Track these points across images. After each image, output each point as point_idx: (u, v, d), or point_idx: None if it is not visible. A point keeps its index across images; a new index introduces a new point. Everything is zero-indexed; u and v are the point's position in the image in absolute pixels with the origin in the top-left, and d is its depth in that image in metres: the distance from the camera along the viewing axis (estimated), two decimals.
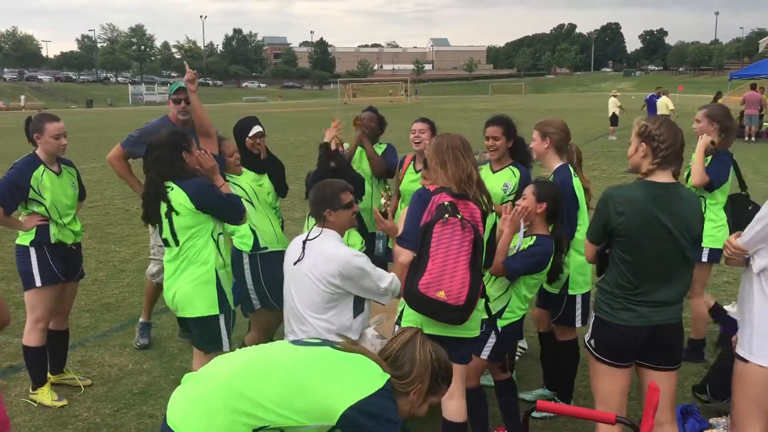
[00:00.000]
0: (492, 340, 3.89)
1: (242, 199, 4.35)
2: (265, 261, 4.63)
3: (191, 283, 3.93)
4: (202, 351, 4.04)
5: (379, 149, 5.69)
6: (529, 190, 3.94)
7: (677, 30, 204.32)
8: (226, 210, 4.03)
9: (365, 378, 2.44)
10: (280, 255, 4.17)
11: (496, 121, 4.60)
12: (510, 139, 4.58)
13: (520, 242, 3.83)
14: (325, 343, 2.66)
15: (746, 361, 3.12)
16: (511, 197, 4.48)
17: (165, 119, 5.65)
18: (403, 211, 3.95)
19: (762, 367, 3.07)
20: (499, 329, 3.87)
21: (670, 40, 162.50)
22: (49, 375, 4.91)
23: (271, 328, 4.84)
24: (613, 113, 24.64)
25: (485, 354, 3.89)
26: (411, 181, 5.24)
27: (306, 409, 2.37)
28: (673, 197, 3.17)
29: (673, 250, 3.17)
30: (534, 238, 3.87)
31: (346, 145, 5.50)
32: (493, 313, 3.82)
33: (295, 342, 2.73)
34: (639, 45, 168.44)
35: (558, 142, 4.35)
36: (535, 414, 4.38)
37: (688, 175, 5.00)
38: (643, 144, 3.22)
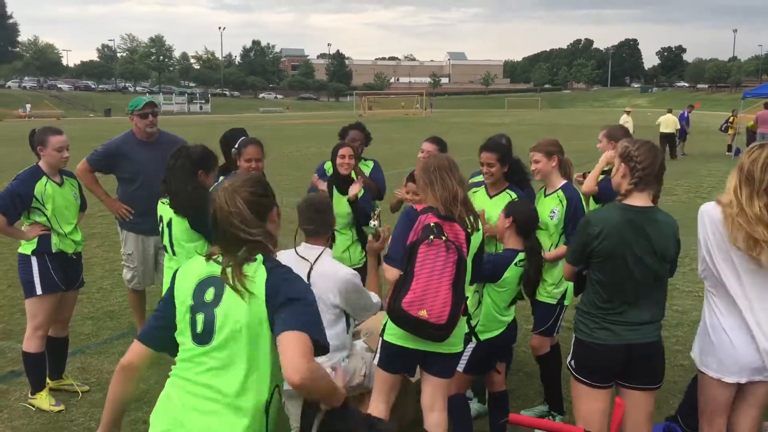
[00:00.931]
0: (467, 355, 3.98)
1: None
2: None
3: None
4: None
5: (366, 167, 5.76)
6: (502, 210, 4.04)
7: (695, 47, 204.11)
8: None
9: None
10: None
11: (490, 147, 4.57)
12: (505, 164, 4.56)
13: None
14: None
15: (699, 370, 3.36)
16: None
17: (129, 135, 5.81)
18: None
19: (709, 376, 3.31)
20: (480, 341, 3.99)
21: (688, 57, 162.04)
22: (48, 380, 5.03)
23: None
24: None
25: (461, 366, 3.97)
26: None
27: None
28: (647, 221, 3.24)
29: (647, 271, 3.25)
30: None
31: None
32: (473, 327, 3.92)
33: None
34: (657, 61, 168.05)
35: (562, 159, 4.48)
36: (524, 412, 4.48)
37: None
38: (622, 164, 3.31)
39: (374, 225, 4.23)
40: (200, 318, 2.39)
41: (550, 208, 4.44)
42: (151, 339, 2.57)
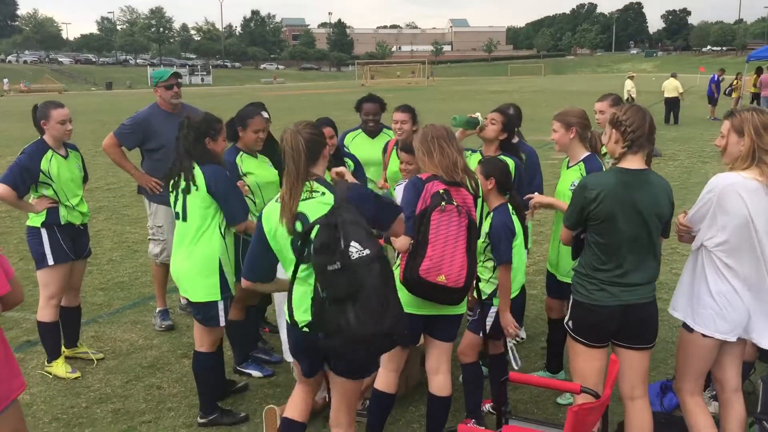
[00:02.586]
0: (490, 319, 4.09)
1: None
2: (246, 244, 4.79)
3: (196, 268, 4.15)
4: (201, 325, 4.28)
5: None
6: (477, 170, 4.07)
7: (700, 9, 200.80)
8: (232, 205, 4.15)
9: None
10: None
11: (501, 111, 4.73)
12: (504, 130, 4.62)
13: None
14: None
15: (691, 330, 3.45)
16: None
17: (154, 107, 5.78)
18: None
19: (705, 336, 3.40)
20: (496, 307, 4.07)
21: (693, 20, 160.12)
22: (63, 349, 5.19)
23: (241, 300, 4.92)
24: (628, 97, 24.36)
25: (482, 332, 4.10)
26: (397, 165, 5.36)
27: None
28: (642, 183, 3.33)
29: (642, 232, 3.34)
30: (491, 215, 4.07)
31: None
32: (489, 293, 4.05)
33: None
34: (661, 25, 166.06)
35: (582, 131, 4.35)
36: (560, 400, 4.56)
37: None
38: (613, 131, 3.38)
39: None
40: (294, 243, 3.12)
41: (571, 180, 4.33)
42: (256, 273, 3.37)
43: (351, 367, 3.19)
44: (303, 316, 3.11)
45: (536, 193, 4.34)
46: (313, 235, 2.97)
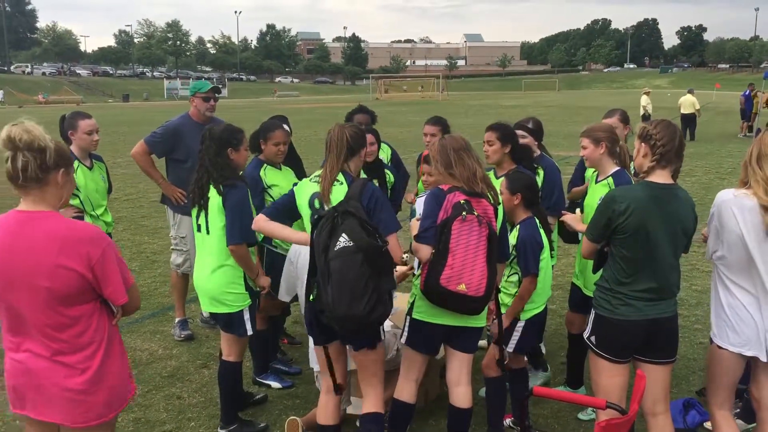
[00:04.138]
0: (517, 335, 4.10)
1: None
2: (269, 255, 4.84)
3: (222, 280, 4.15)
4: (229, 335, 4.30)
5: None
6: (502, 186, 4.10)
7: (716, 26, 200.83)
8: (231, 222, 4.08)
9: None
10: (282, 257, 4.67)
11: (492, 127, 4.65)
12: (506, 143, 4.56)
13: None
14: None
15: (712, 342, 3.48)
16: None
17: (185, 117, 5.81)
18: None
19: (720, 348, 3.41)
20: (523, 321, 4.09)
21: (709, 36, 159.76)
22: None
23: (263, 310, 4.93)
24: (644, 113, 24.32)
25: (512, 346, 4.10)
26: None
27: None
28: (670, 197, 3.34)
29: (669, 247, 3.35)
30: (517, 227, 4.07)
31: None
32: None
33: None
34: (676, 41, 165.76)
35: (611, 146, 4.34)
36: (581, 416, 4.55)
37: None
38: (642, 144, 3.39)
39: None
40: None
41: (600, 194, 4.25)
42: (273, 215, 3.80)
43: (355, 340, 3.61)
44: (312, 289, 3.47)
45: (569, 214, 4.29)
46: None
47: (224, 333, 4.34)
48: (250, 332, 4.25)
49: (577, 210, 4.42)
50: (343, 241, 3.26)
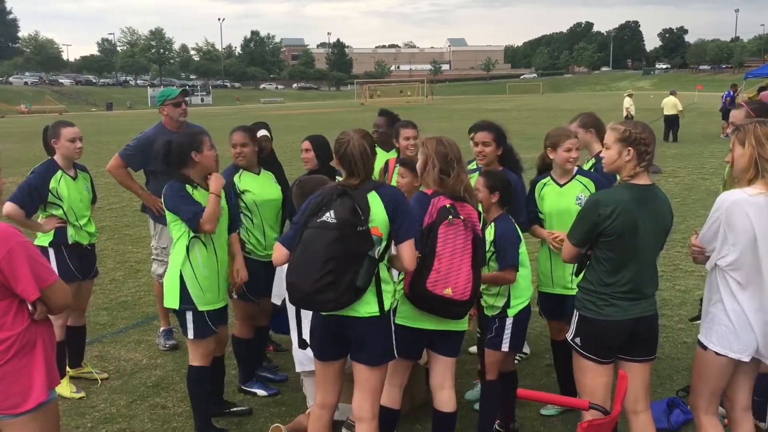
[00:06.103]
0: (508, 332, 4.09)
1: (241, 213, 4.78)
2: (247, 262, 4.75)
3: (167, 277, 4.28)
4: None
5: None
6: (480, 183, 4.08)
7: (697, 28, 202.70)
8: (182, 214, 4.15)
9: None
10: (260, 263, 4.82)
11: (485, 126, 4.51)
12: (500, 145, 4.48)
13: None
14: None
15: (705, 347, 3.39)
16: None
17: (159, 127, 5.74)
18: None
19: (718, 354, 3.34)
20: (512, 318, 4.08)
21: (690, 38, 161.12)
22: (68, 369, 5.18)
23: (249, 318, 5.03)
24: (627, 114, 24.45)
25: (505, 346, 4.09)
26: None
27: None
28: (653, 197, 3.40)
29: (652, 246, 3.42)
30: (493, 224, 4.08)
31: None
32: (501, 307, 4.08)
33: None
34: (658, 43, 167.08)
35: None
36: (543, 411, 4.58)
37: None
38: (629, 148, 3.35)
39: None
40: None
41: (573, 194, 4.40)
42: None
43: (368, 354, 3.42)
44: None
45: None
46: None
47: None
48: (190, 336, 4.24)
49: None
50: (328, 216, 3.26)
